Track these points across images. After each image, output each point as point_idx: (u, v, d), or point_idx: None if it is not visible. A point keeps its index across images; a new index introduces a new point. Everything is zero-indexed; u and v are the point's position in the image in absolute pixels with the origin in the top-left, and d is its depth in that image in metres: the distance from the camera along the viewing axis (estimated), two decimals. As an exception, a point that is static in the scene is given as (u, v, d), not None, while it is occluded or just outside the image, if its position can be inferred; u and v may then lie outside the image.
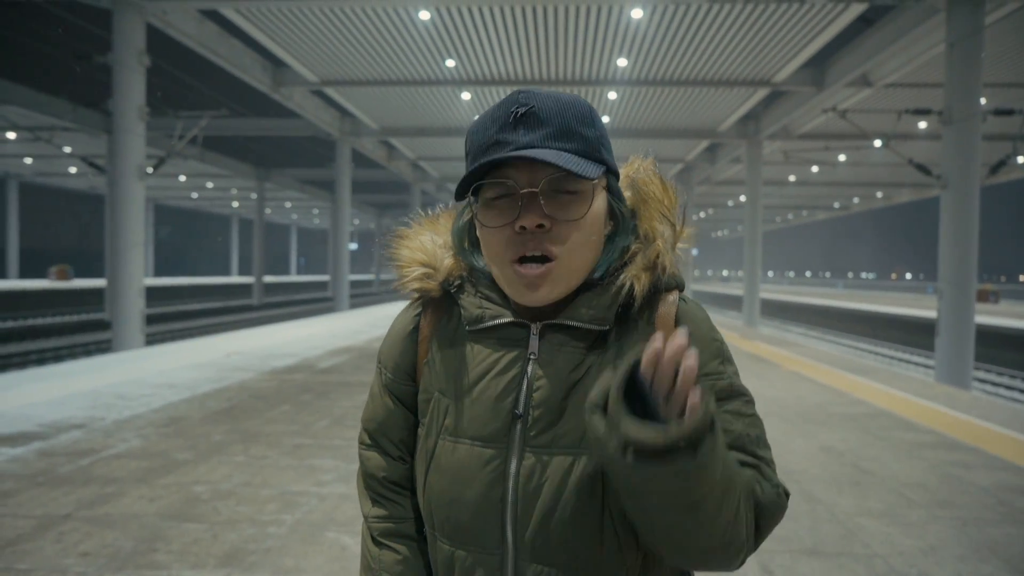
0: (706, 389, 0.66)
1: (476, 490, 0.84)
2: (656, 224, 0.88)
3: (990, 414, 5.96)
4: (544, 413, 0.82)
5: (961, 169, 9.16)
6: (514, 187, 0.80)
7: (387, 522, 0.94)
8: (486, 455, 0.84)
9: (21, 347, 18.59)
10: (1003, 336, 17.28)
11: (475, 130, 0.85)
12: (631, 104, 16.53)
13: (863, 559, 2.89)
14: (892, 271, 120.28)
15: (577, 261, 0.82)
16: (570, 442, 0.82)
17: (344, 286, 21.50)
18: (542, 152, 0.77)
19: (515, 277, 0.81)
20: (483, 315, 0.87)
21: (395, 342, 0.96)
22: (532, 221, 0.78)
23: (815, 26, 11.15)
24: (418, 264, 0.92)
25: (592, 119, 0.84)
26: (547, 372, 0.84)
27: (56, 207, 53.20)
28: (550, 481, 0.81)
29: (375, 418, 0.97)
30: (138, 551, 2.81)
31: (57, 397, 5.95)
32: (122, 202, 10.42)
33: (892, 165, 22.76)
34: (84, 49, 13.21)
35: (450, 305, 0.93)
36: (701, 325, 0.87)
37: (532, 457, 0.82)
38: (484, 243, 0.85)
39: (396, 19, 11.40)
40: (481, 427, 0.84)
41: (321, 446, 4.56)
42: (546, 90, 0.83)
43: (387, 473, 0.96)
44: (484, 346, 0.87)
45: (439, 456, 0.87)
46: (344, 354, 9.38)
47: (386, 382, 0.96)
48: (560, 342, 0.85)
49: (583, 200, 0.81)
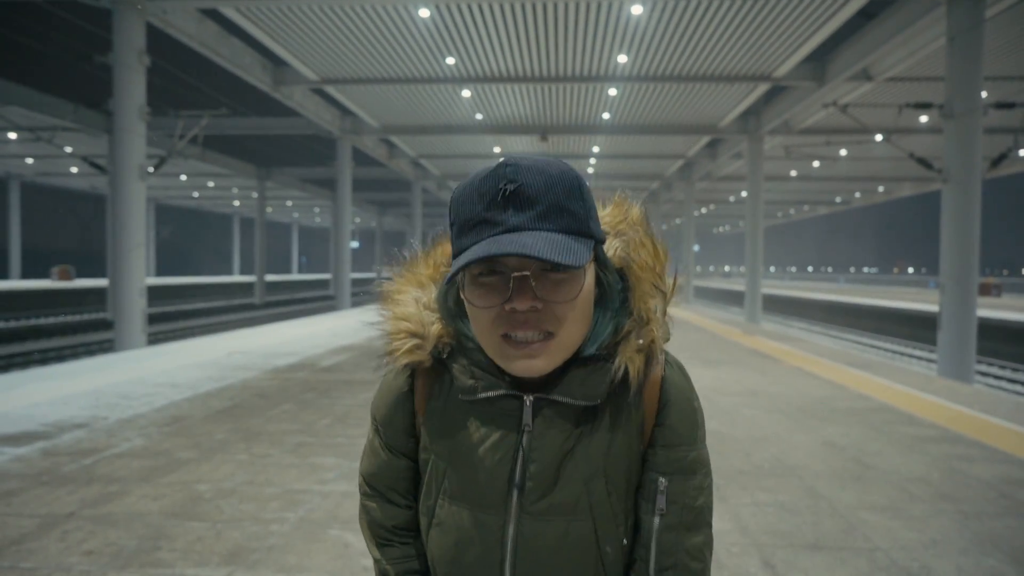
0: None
1: (476, 553, 0.88)
2: (649, 302, 0.87)
3: (992, 408, 5.96)
4: (539, 484, 0.86)
5: (962, 163, 9.14)
6: (504, 269, 0.79)
7: (400, 562, 0.98)
8: (485, 520, 0.88)
9: (24, 347, 18.63)
10: (1005, 330, 17.26)
11: (461, 201, 0.82)
12: (632, 100, 16.51)
13: (865, 553, 2.90)
14: (894, 266, 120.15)
15: (571, 336, 0.83)
16: (565, 509, 0.86)
17: (346, 284, 21.52)
18: (534, 245, 0.75)
19: (509, 350, 0.81)
20: (476, 386, 0.87)
21: (389, 402, 0.96)
22: (524, 304, 0.78)
23: (816, 20, 11.12)
24: (406, 335, 0.90)
25: (580, 192, 0.82)
26: (541, 445, 0.86)
27: (58, 207, 53.27)
28: (547, 544, 0.86)
29: (377, 473, 0.99)
30: (142, 549, 2.82)
31: (60, 397, 5.96)
32: (123, 202, 10.43)
33: (893, 159, 22.74)
34: (84, 49, 13.23)
35: (441, 369, 0.92)
36: (682, 398, 0.90)
37: (529, 523, 0.86)
38: (473, 319, 0.84)
39: (396, 17, 11.39)
40: (480, 495, 0.88)
41: (323, 444, 4.57)
42: (532, 160, 0.81)
43: (395, 521, 0.99)
44: (478, 415, 0.89)
45: (439, 515, 0.91)
46: (346, 352, 9.39)
47: (385, 440, 0.97)
48: (553, 415, 0.87)
49: (575, 281, 0.80)
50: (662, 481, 0.88)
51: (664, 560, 0.87)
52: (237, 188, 35.66)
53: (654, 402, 0.89)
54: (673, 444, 0.89)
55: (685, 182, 27.92)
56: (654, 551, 0.87)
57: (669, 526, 0.88)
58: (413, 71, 14.45)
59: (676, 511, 0.88)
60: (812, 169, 25.89)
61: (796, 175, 27.45)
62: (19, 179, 32.37)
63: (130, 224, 10.47)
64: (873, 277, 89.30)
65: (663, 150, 23.55)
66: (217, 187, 35.42)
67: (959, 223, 9.18)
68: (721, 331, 13.22)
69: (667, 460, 0.89)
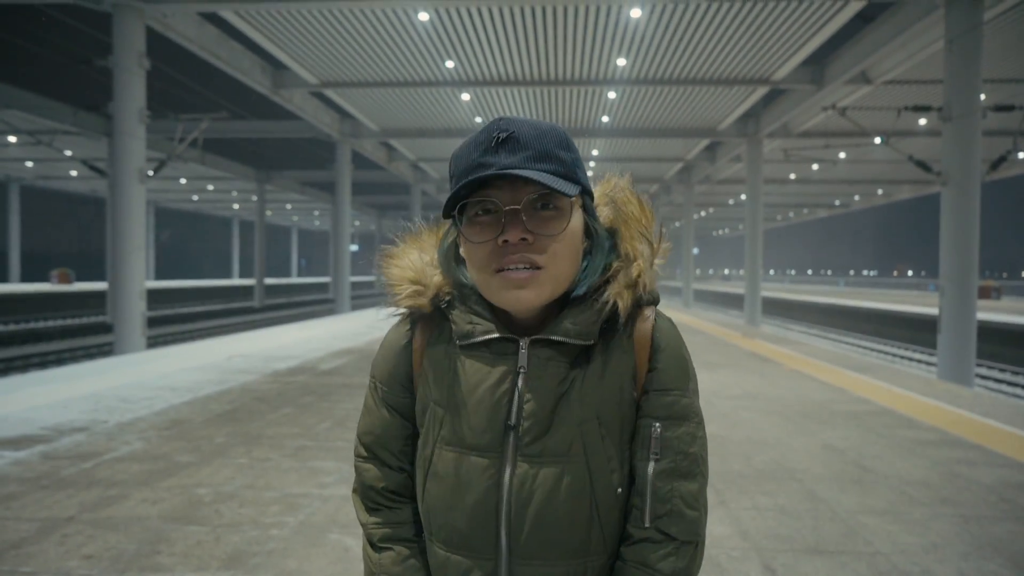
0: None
1: (473, 497, 0.89)
2: (636, 244, 0.93)
3: (992, 411, 5.96)
4: (534, 424, 0.88)
5: (961, 165, 9.14)
6: (497, 205, 0.85)
7: (386, 527, 0.98)
8: (482, 464, 0.89)
9: (23, 350, 18.60)
10: (1005, 332, 17.25)
11: (459, 155, 0.90)
12: (631, 103, 16.53)
13: (865, 557, 2.89)
14: (894, 268, 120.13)
15: (559, 269, 0.87)
16: (559, 451, 0.88)
17: (345, 288, 21.51)
18: (524, 171, 0.83)
19: (501, 282, 0.86)
20: (473, 330, 0.91)
21: (389, 356, 1.00)
22: (515, 235, 0.84)
23: (814, 24, 11.14)
24: (408, 282, 0.96)
25: (568, 144, 0.90)
26: (536, 385, 0.89)
27: (57, 210, 53.25)
28: (541, 489, 0.88)
29: (372, 431, 1.00)
30: (141, 553, 2.82)
31: (59, 400, 5.95)
32: (123, 205, 10.44)
33: (892, 162, 22.75)
34: (84, 53, 13.25)
35: (440, 320, 0.97)
36: (673, 343, 0.94)
37: (524, 466, 0.88)
38: (469, 257, 0.89)
39: (395, 20, 11.40)
40: (477, 437, 0.90)
41: (323, 448, 4.57)
42: (524, 118, 0.88)
43: (386, 483, 0.99)
44: (475, 360, 0.92)
45: (436, 464, 0.92)
46: (345, 356, 9.39)
47: (383, 395, 1.00)
48: (547, 356, 0.90)
49: (562, 216, 0.86)
50: (656, 426, 0.90)
51: (659, 507, 0.89)
52: (236, 191, 35.67)
53: (646, 348, 0.93)
54: (665, 388, 0.92)
55: (684, 185, 27.93)
56: (649, 498, 0.89)
57: (663, 472, 0.89)
58: (412, 74, 14.47)
59: (670, 456, 0.90)
60: (811, 172, 25.91)
61: (795, 178, 27.47)
62: (19, 182, 32.34)
63: (130, 227, 10.48)
64: (873, 280, 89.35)
65: (662, 153, 23.57)
66: (217, 190, 35.43)
67: (958, 226, 9.18)
68: (720, 334, 13.21)
69: (660, 405, 0.91)
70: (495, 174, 0.83)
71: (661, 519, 0.88)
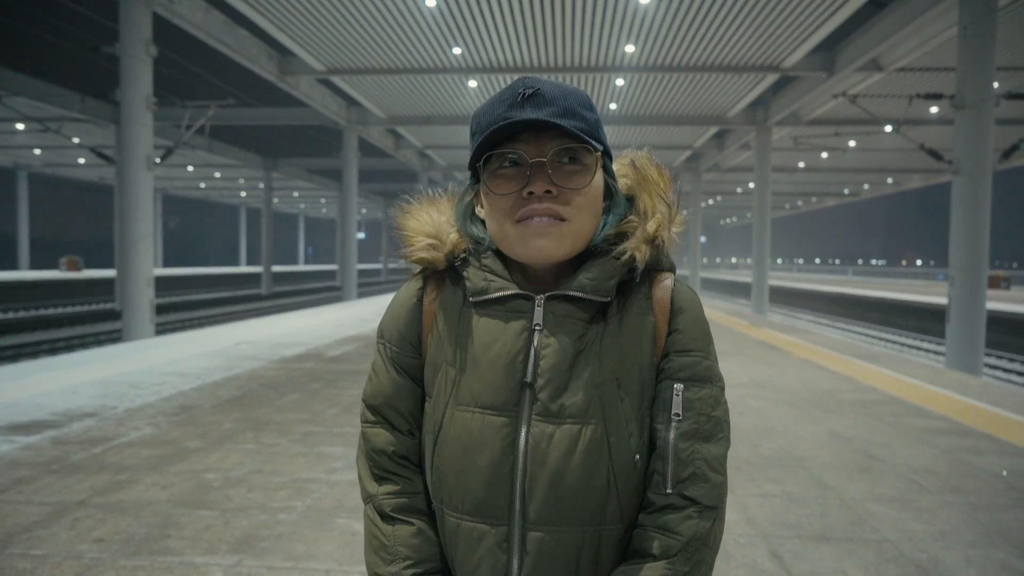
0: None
1: (488, 458, 0.86)
2: (655, 202, 0.92)
3: (1001, 400, 5.93)
4: (550, 382, 0.86)
5: (973, 154, 9.05)
6: (523, 157, 0.85)
7: (400, 497, 0.94)
8: (497, 423, 0.87)
9: (33, 337, 18.75)
10: (1015, 322, 17.16)
11: (482, 111, 0.89)
12: (639, 90, 16.41)
13: (873, 544, 2.89)
14: (903, 258, 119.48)
15: (582, 223, 0.87)
16: (576, 411, 0.85)
17: (352, 275, 21.54)
18: (551, 120, 0.83)
19: (524, 231, 0.85)
20: (488, 287, 0.90)
21: (398, 315, 0.98)
22: (541, 187, 0.84)
23: (825, 10, 11.01)
24: (424, 235, 0.95)
25: (591, 105, 0.90)
26: (552, 343, 0.87)
27: (65, 198, 53.49)
28: (557, 449, 0.85)
29: (381, 392, 0.97)
30: (151, 537, 2.84)
31: (69, 386, 6.00)
32: (131, 192, 10.46)
33: (903, 151, 22.55)
34: (92, 39, 13.23)
35: (454, 279, 0.95)
36: (693, 307, 0.93)
37: (540, 425, 0.86)
38: (491, 209, 0.88)
39: (402, 7, 11.34)
40: (492, 396, 0.87)
41: (331, 433, 4.59)
42: (548, 79, 0.88)
43: (396, 447, 0.96)
44: (490, 317, 0.90)
45: (447, 427, 0.90)
46: (352, 343, 9.41)
47: (391, 355, 0.97)
48: (564, 313, 0.88)
49: (587, 171, 0.86)
50: (677, 387, 0.88)
51: (682, 471, 0.85)
52: (244, 179, 35.70)
53: (666, 310, 0.91)
54: (687, 349, 0.90)
55: (692, 173, 27.79)
56: (671, 462, 0.86)
57: (686, 434, 0.86)
58: (419, 61, 14.40)
59: (692, 418, 0.87)
60: (820, 160, 25.72)
61: (804, 166, 27.28)
62: (27, 170, 32.45)
63: (137, 214, 10.50)
64: (881, 269, 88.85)
65: (670, 141, 23.43)
66: (224, 178, 35.47)
67: (969, 215, 9.10)
68: (728, 322, 13.18)
69: (681, 366, 0.89)
70: (525, 120, 0.83)
71: (684, 482, 0.85)
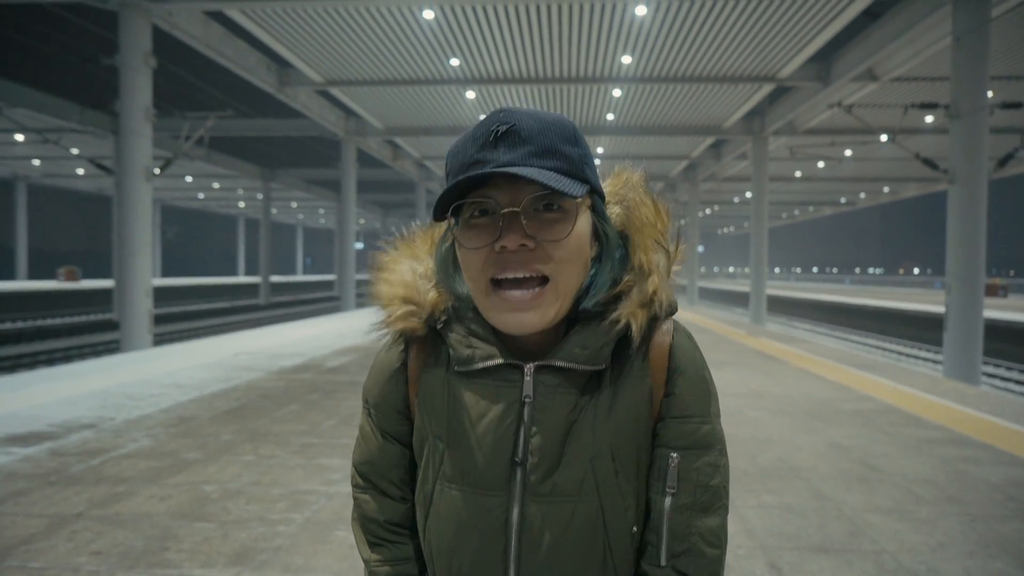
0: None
1: (478, 540, 0.82)
2: (651, 255, 0.84)
3: (999, 409, 5.93)
4: (542, 460, 0.80)
5: (968, 163, 9.11)
6: (494, 206, 0.76)
7: (388, 565, 0.91)
8: (487, 503, 0.82)
9: (31, 348, 18.71)
10: (1012, 331, 17.18)
11: (455, 151, 0.81)
12: (636, 101, 16.49)
13: (871, 555, 2.89)
14: (900, 266, 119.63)
15: (565, 281, 0.78)
16: (570, 489, 0.81)
17: (350, 285, 21.53)
18: (523, 169, 0.74)
19: (499, 303, 0.78)
20: (473, 356, 0.82)
21: (382, 381, 0.91)
22: (514, 241, 0.75)
23: (820, 21, 11.10)
24: (399, 300, 0.87)
25: (575, 138, 0.80)
26: (543, 417, 0.81)
27: (64, 208, 53.53)
28: (552, 529, 0.80)
29: (370, 460, 0.92)
30: (149, 550, 2.84)
31: (67, 397, 5.99)
32: (129, 203, 10.47)
33: (899, 160, 22.66)
34: (91, 51, 13.28)
35: (436, 342, 0.88)
36: (692, 365, 0.86)
37: (534, 506, 0.81)
38: (464, 265, 0.81)
39: (400, 18, 11.41)
40: (481, 475, 0.82)
41: (329, 445, 4.58)
42: (528, 109, 0.80)
43: (388, 515, 0.92)
44: (476, 389, 0.83)
45: (438, 503, 0.85)
46: (351, 353, 9.41)
47: (378, 423, 0.92)
48: (554, 384, 0.81)
49: (567, 219, 0.77)
50: (673, 456, 0.82)
51: (676, 545, 0.81)
52: (242, 189, 35.77)
53: (663, 370, 0.84)
54: (684, 415, 0.83)
55: (689, 183, 27.88)
56: (665, 535, 0.81)
57: (681, 507, 0.81)
58: (417, 73, 14.47)
59: (689, 490, 0.82)
60: (817, 170, 25.82)
61: (801, 176, 27.37)
62: (26, 180, 32.48)
63: (136, 225, 10.51)
64: (878, 278, 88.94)
65: (667, 151, 23.52)
66: (222, 188, 35.52)
67: (965, 223, 9.14)
68: (726, 332, 13.19)
69: (678, 433, 0.83)
70: (491, 172, 0.74)
71: (678, 558, 0.81)
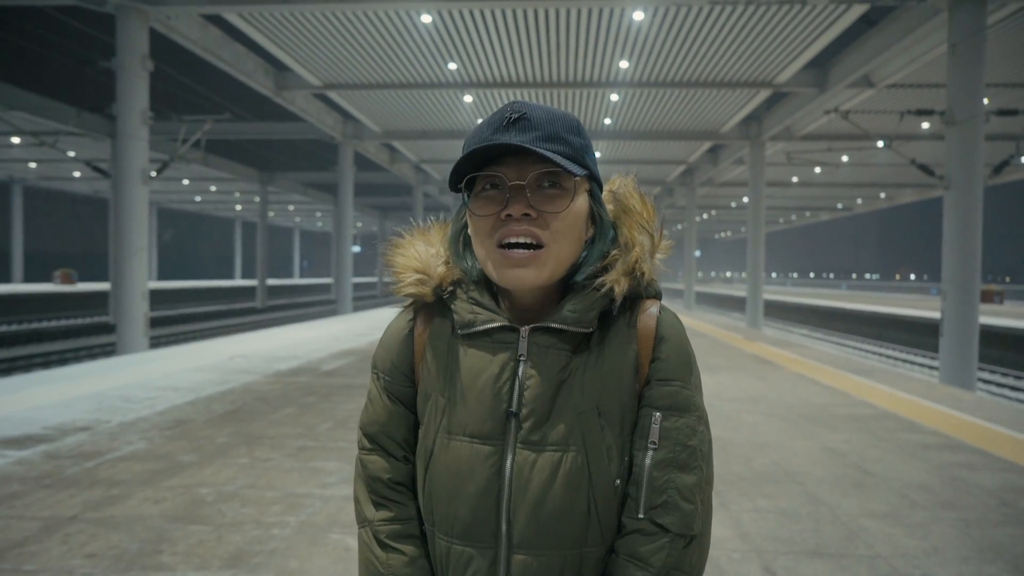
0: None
1: (475, 485, 0.90)
2: (635, 234, 0.95)
3: (994, 415, 5.95)
4: (534, 411, 0.90)
5: (964, 169, 9.14)
6: (503, 180, 0.88)
7: (394, 524, 0.98)
8: (484, 451, 0.90)
9: (26, 350, 18.64)
10: (1008, 337, 17.22)
11: (472, 133, 0.92)
12: (633, 106, 16.54)
13: (866, 560, 2.89)
14: (896, 272, 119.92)
15: (560, 248, 0.89)
16: (558, 439, 0.89)
17: (347, 289, 21.52)
18: (530, 146, 0.85)
19: (502, 259, 0.88)
20: (475, 319, 0.93)
21: (391, 346, 1.01)
22: (518, 210, 0.86)
23: (817, 27, 11.15)
24: (412, 270, 0.98)
25: (579, 130, 0.92)
26: (536, 373, 0.90)
27: (60, 211, 53.36)
28: (539, 476, 0.88)
29: (376, 421, 1.01)
30: (144, 552, 2.83)
31: (62, 400, 5.97)
32: (126, 206, 10.47)
33: (895, 166, 22.74)
34: (88, 54, 13.28)
35: (442, 311, 0.98)
36: (677, 335, 0.95)
37: (524, 453, 0.89)
38: (473, 230, 0.92)
39: (398, 22, 11.43)
40: (479, 425, 0.91)
41: (325, 448, 4.57)
42: (538, 104, 0.91)
43: (392, 474, 0.99)
44: (477, 349, 0.93)
45: (438, 454, 0.93)
46: (347, 357, 9.40)
47: (385, 385, 1.01)
48: (547, 344, 0.91)
49: (565, 196, 0.89)
50: (656, 415, 0.91)
51: (654, 498, 0.89)
52: (239, 192, 35.73)
53: (650, 339, 0.93)
54: (667, 378, 0.92)
55: (687, 188, 27.94)
56: (645, 488, 0.89)
57: (660, 462, 0.89)
58: (415, 76, 14.49)
59: (668, 447, 0.90)
60: (813, 175, 25.90)
61: (797, 181, 27.46)
62: (22, 183, 32.40)
63: (132, 228, 10.50)
64: (875, 284, 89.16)
65: (664, 156, 23.58)
66: (219, 191, 35.49)
67: (961, 230, 9.17)
68: (722, 336, 13.20)
69: (661, 394, 0.92)
70: (503, 145, 0.85)
71: (655, 510, 0.89)
